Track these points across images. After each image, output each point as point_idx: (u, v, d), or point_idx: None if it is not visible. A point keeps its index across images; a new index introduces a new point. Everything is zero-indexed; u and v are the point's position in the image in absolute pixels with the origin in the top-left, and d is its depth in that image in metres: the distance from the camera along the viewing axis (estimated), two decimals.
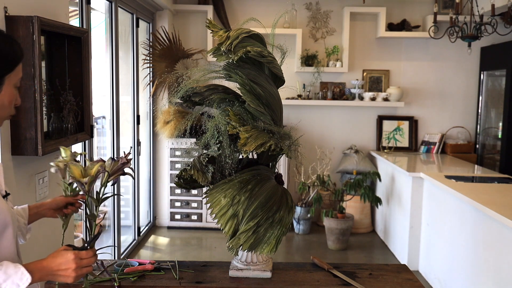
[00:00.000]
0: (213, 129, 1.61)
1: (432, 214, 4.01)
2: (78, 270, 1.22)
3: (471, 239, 3.27)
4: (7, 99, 1.25)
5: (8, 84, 1.24)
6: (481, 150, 5.40)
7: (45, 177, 2.21)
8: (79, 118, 2.42)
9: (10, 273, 1.14)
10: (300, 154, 1.73)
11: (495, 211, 2.82)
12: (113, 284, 1.64)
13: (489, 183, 3.78)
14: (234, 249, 1.66)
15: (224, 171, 1.65)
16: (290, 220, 1.67)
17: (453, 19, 4.21)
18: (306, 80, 5.48)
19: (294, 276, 1.76)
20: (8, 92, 1.25)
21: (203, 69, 1.72)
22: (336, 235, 4.69)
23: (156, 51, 5.02)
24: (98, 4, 3.79)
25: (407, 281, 1.75)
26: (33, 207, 1.53)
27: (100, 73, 3.82)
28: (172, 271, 1.76)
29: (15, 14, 1.92)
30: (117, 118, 3.93)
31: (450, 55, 5.46)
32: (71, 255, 1.22)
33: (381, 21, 5.26)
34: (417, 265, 4.23)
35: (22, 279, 1.14)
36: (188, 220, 5.21)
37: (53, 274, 1.21)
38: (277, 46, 1.81)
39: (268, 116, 1.65)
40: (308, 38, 5.47)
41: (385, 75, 5.54)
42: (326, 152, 5.42)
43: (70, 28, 2.28)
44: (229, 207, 1.60)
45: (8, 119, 1.34)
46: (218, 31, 1.66)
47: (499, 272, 2.88)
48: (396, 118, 5.56)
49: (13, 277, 1.14)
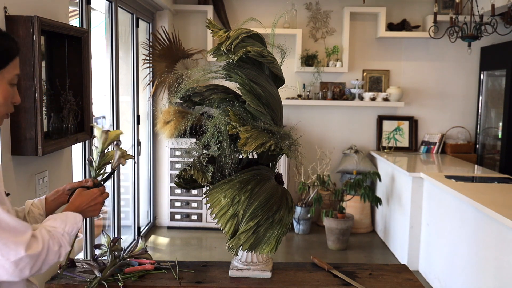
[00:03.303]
0: (213, 129, 1.61)
1: (432, 214, 4.01)
2: (103, 203, 1.43)
3: (471, 239, 3.27)
4: (1, 96, 1.24)
5: (1, 80, 1.23)
6: (481, 150, 5.40)
7: (45, 177, 2.21)
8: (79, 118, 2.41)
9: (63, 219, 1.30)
10: (300, 154, 1.73)
11: (495, 211, 2.82)
12: (118, 284, 1.64)
13: (489, 183, 3.78)
14: (234, 249, 1.66)
15: (224, 171, 1.65)
16: (290, 220, 1.67)
17: (453, 19, 4.21)
18: (306, 80, 5.48)
19: (294, 276, 1.76)
20: (2, 89, 1.24)
21: (203, 69, 1.72)
22: (336, 235, 4.69)
23: (156, 51, 5.02)
24: (98, 4, 3.79)
25: (407, 281, 1.75)
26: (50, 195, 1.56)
27: (100, 73, 3.81)
28: (172, 271, 1.76)
29: (15, 14, 1.92)
30: (117, 118, 3.93)
31: (450, 55, 5.46)
32: (95, 191, 1.42)
33: (381, 21, 5.26)
34: (417, 265, 4.23)
35: (75, 218, 1.33)
36: (188, 220, 5.21)
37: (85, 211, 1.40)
38: (277, 46, 1.81)
39: (268, 116, 1.65)
40: (308, 38, 5.47)
41: (385, 75, 5.54)
42: (326, 152, 5.42)
43: (70, 28, 2.28)
44: (229, 207, 1.60)
45: (6, 118, 1.33)
46: (218, 31, 1.66)
47: (499, 272, 2.88)
48: (396, 118, 5.56)
49: (69, 219, 1.31)
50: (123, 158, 1.53)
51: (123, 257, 1.70)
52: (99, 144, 1.50)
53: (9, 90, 1.26)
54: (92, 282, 1.58)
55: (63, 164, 2.43)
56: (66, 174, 2.47)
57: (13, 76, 1.26)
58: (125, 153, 1.54)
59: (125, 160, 1.54)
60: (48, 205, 1.52)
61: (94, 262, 1.68)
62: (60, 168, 2.38)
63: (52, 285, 1.64)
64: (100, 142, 1.50)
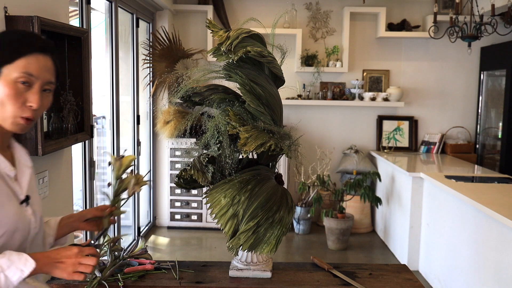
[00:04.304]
0: (213, 129, 1.61)
1: (432, 214, 4.01)
2: (76, 266, 1.20)
3: (471, 239, 3.27)
4: (4, 94, 1.17)
5: (6, 76, 1.17)
6: (481, 150, 5.40)
7: (45, 177, 2.21)
8: (79, 118, 2.42)
9: (13, 260, 1.13)
10: (300, 154, 1.73)
11: (495, 211, 2.82)
12: (118, 284, 1.64)
13: (489, 183, 3.78)
14: (234, 249, 1.66)
15: (224, 171, 1.65)
16: (290, 220, 1.67)
17: (453, 19, 4.21)
18: (306, 80, 5.48)
19: (294, 276, 1.76)
20: (5, 86, 1.17)
21: (203, 69, 1.72)
22: (336, 235, 4.69)
23: (156, 51, 5.02)
24: (98, 4, 3.79)
25: (407, 281, 1.75)
26: (65, 218, 1.50)
27: (100, 73, 3.81)
28: (172, 271, 1.76)
29: (15, 14, 1.92)
30: (117, 118, 3.93)
31: (450, 55, 5.46)
32: (74, 249, 1.22)
33: (381, 21, 5.26)
34: (417, 265, 4.23)
35: (26, 264, 1.13)
36: (188, 220, 5.21)
37: (52, 264, 1.19)
38: (277, 46, 1.81)
39: (268, 116, 1.65)
40: (308, 38, 5.47)
41: (385, 75, 5.54)
42: (326, 152, 5.42)
43: (70, 28, 2.28)
44: (229, 207, 1.60)
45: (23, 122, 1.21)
46: (218, 31, 1.66)
47: (499, 272, 2.88)
48: (396, 118, 5.55)
49: (16, 263, 1.13)
50: (137, 186, 1.52)
51: (123, 257, 1.70)
52: (114, 171, 1.50)
53: (14, 88, 1.17)
54: (92, 282, 1.58)
55: (63, 164, 2.43)
56: (66, 174, 2.47)
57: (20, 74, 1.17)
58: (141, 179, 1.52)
59: (139, 188, 1.52)
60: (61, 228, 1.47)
61: None
62: (60, 168, 2.38)
63: (52, 285, 1.64)
64: (115, 169, 1.50)
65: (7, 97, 1.17)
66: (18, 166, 1.29)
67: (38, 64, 1.20)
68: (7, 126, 1.21)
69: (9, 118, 1.20)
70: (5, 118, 1.20)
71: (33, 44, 1.21)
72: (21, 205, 1.25)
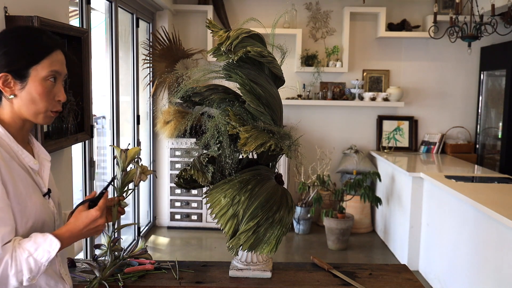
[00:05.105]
0: (213, 129, 1.61)
1: (432, 214, 4.01)
2: (104, 220, 1.31)
3: (471, 239, 3.27)
4: (36, 93, 1.24)
5: (35, 76, 1.24)
6: (481, 150, 5.40)
7: None
8: (79, 118, 2.42)
9: (39, 242, 1.18)
10: (300, 154, 1.73)
11: (495, 211, 2.82)
12: (118, 284, 1.64)
13: (489, 183, 3.78)
14: (234, 249, 1.66)
15: (224, 171, 1.65)
16: (290, 220, 1.67)
17: (453, 19, 4.21)
18: (306, 80, 5.48)
19: (294, 276, 1.76)
20: (36, 85, 1.24)
21: (203, 69, 1.72)
22: (336, 235, 4.69)
23: (156, 51, 5.02)
24: (98, 4, 3.79)
25: (407, 281, 1.75)
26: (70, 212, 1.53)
27: (100, 73, 3.81)
28: (172, 271, 1.76)
29: (15, 14, 1.92)
30: (117, 118, 3.93)
31: (450, 55, 5.46)
32: (95, 213, 1.29)
33: (381, 21, 5.26)
34: (417, 265, 4.23)
35: (52, 245, 1.18)
36: (188, 220, 5.21)
37: (84, 234, 1.28)
38: (277, 46, 1.81)
39: (268, 116, 1.65)
40: (308, 38, 5.47)
41: (385, 75, 5.54)
42: (326, 152, 5.42)
43: (70, 28, 2.28)
44: (229, 207, 1.60)
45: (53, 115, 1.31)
46: (218, 31, 1.66)
47: (499, 272, 2.88)
48: (396, 118, 5.56)
49: (43, 245, 1.18)
50: (144, 175, 1.55)
51: (123, 257, 1.70)
52: (120, 163, 1.52)
53: (45, 86, 1.25)
54: (92, 282, 1.58)
55: (63, 164, 2.43)
56: (66, 174, 2.47)
57: (48, 73, 1.25)
58: (146, 169, 1.56)
59: (146, 176, 1.56)
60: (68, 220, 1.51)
61: (94, 262, 1.67)
62: (60, 168, 2.38)
63: None
64: (121, 161, 1.52)
65: (40, 95, 1.25)
66: (39, 160, 1.35)
67: (59, 60, 1.29)
68: (40, 121, 1.30)
69: (42, 113, 1.28)
70: (38, 113, 1.28)
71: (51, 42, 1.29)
72: (44, 197, 1.32)
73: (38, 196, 1.28)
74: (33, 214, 1.24)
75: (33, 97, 1.25)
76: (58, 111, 1.31)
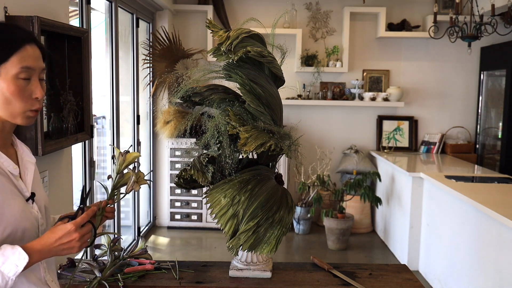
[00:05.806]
0: (213, 129, 1.61)
1: (432, 214, 4.01)
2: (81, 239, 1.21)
3: (471, 239, 3.27)
4: (9, 92, 1.17)
5: (5, 75, 1.17)
6: (481, 150, 5.40)
7: (45, 177, 2.21)
8: (79, 118, 2.41)
9: (7, 255, 1.12)
10: (300, 154, 1.73)
11: (495, 211, 2.82)
12: (118, 284, 1.64)
13: (489, 183, 3.78)
14: (234, 249, 1.66)
15: (224, 171, 1.65)
16: (290, 220, 1.67)
17: (453, 19, 4.21)
18: (306, 80, 5.48)
19: (294, 276, 1.76)
20: (8, 84, 1.17)
21: (203, 69, 1.72)
22: (336, 235, 4.69)
23: (156, 51, 5.02)
24: (98, 4, 3.79)
25: (407, 281, 1.75)
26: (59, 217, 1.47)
27: (100, 73, 3.81)
28: (172, 271, 1.76)
29: (15, 14, 1.92)
30: (117, 118, 3.93)
31: (450, 55, 5.46)
32: (69, 226, 1.20)
33: (381, 21, 5.26)
34: (417, 265, 4.23)
35: (20, 259, 1.12)
36: (188, 220, 5.21)
37: (55, 249, 1.19)
38: (277, 46, 1.81)
39: (268, 116, 1.65)
40: (308, 38, 5.47)
41: (385, 75, 5.54)
42: (326, 152, 5.42)
43: (70, 28, 2.28)
44: (229, 207, 1.60)
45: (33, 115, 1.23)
46: (218, 31, 1.66)
47: (499, 272, 2.88)
48: (396, 118, 5.56)
49: (11, 258, 1.11)
50: (137, 184, 1.48)
51: (123, 257, 1.70)
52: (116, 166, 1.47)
53: (17, 85, 1.18)
54: (92, 282, 1.58)
55: (63, 164, 2.43)
56: (66, 174, 2.47)
57: (19, 70, 1.18)
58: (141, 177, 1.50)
59: (138, 186, 1.49)
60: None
61: (94, 262, 1.68)
62: (60, 168, 2.38)
63: None
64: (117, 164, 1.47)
65: (13, 95, 1.18)
66: (22, 163, 1.30)
67: (30, 55, 1.21)
68: (19, 122, 1.23)
69: (20, 114, 1.21)
70: (15, 114, 1.21)
71: (20, 37, 1.21)
72: (27, 202, 1.25)
73: (19, 202, 1.22)
74: (12, 222, 1.17)
75: (7, 97, 1.18)
76: (37, 109, 1.24)
